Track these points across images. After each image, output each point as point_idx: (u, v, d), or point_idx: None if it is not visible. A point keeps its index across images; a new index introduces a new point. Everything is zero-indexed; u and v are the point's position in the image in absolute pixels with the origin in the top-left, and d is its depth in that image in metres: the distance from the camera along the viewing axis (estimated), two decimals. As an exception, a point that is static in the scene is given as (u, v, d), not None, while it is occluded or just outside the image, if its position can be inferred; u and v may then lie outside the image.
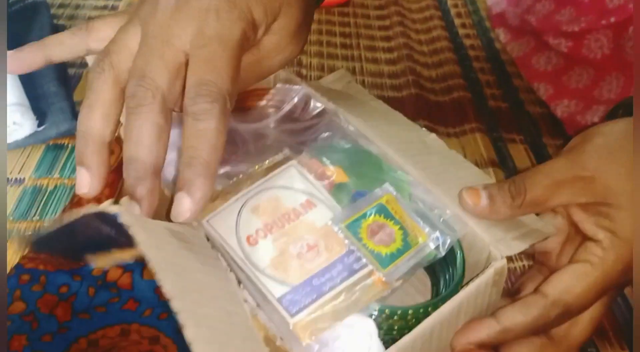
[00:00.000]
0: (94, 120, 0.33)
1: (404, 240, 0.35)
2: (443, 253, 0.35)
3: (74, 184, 0.51)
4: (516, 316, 0.33)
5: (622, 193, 0.34)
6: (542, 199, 0.36)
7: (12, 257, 0.45)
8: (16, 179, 0.52)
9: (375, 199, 0.36)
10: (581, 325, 0.36)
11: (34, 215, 0.49)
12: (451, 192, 0.40)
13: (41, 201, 0.50)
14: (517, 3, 0.72)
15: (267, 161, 0.38)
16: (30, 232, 0.47)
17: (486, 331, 0.34)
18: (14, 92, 0.54)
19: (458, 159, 0.44)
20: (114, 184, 0.49)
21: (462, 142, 0.61)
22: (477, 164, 0.57)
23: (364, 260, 0.33)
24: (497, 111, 0.65)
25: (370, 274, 0.33)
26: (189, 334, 0.26)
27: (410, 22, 0.79)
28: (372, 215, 0.35)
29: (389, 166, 0.40)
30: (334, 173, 0.38)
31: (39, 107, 0.56)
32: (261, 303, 0.32)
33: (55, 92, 0.58)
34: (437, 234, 0.36)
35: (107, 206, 0.28)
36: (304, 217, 0.35)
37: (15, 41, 0.62)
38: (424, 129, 0.47)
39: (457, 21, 0.80)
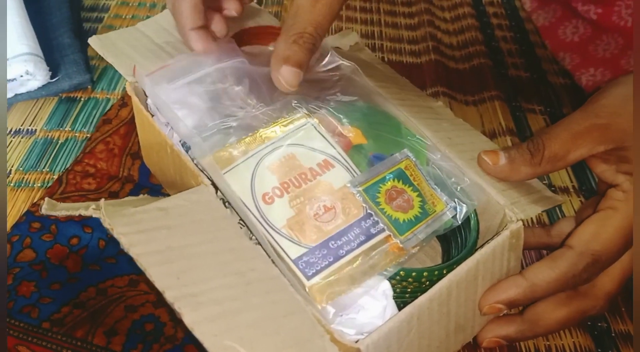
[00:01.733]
0: None
1: (422, 207, 0.34)
2: (459, 222, 0.35)
3: (85, 138, 0.51)
4: (544, 271, 0.33)
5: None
6: (561, 153, 0.34)
7: (22, 206, 0.45)
8: (28, 130, 0.52)
9: (394, 163, 0.35)
10: (610, 275, 0.35)
11: (44, 167, 0.49)
12: (465, 155, 0.39)
13: (52, 153, 0.50)
14: None
15: (286, 117, 0.37)
16: (39, 184, 0.47)
17: (514, 289, 0.33)
18: (28, 43, 0.53)
19: (465, 126, 0.43)
20: (127, 136, 0.48)
21: (480, 111, 0.59)
22: (494, 133, 0.56)
23: (382, 225, 0.33)
24: (518, 80, 0.63)
25: (387, 239, 0.32)
26: (187, 321, 0.26)
27: (433, -12, 0.77)
28: (391, 180, 0.34)
29: (407, 130, 0.39)
30: (352, 133, 0.37)
31: (52, 59, 0.55)
32: (277, 263, 0.31)
33: (70, 43, 0.57)
34: (455, 202, 0.35)
35: (90, 211, 0.29)
36: (322, 178, 0.34)
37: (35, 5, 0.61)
38: (430, 96, 0.46)
39: (481, -13, 0.77)
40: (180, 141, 0.39)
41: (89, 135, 0.51)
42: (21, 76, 0.52)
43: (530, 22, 0.71)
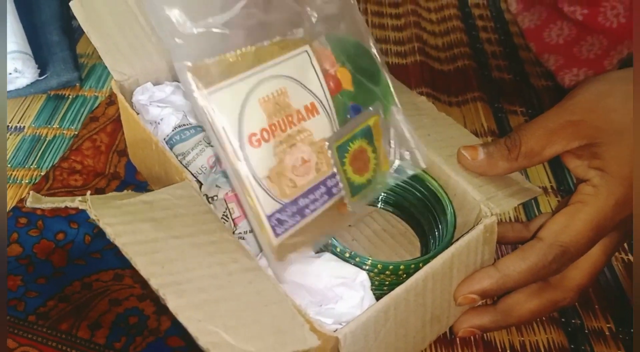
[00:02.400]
0: None
1: (375, 170, 0.34)
2: (396, 182, 0.36)
3: (73, 135, 0.51)
4: (515, 262, 0.34)
5: (611, 131, 0.34)
6: (537, 149, 0.36)
7: (9, 202, 0.46)
8: (16, 127, 0.52)
9: (365, 119, 0.35)
10: (580, 268, 0.36)
11: (32, 163, 0.49)
12: (444, 151, 0.40)
13: (39, 149, 0.51)
14: None
15: (285, 37, 0.33)
16: (27, 181, 0.48)
17: (487, 280, 0.34)
18: (17, 40, 0.54)
19: (447, 121, 0.44)
20: (114, 134, 0.49)
21: (463, 112, 0.60)
22: (476, 133, 0.57)
23: (341, 186, 0.32)
24: (501, 82, 0.65)
25: (341, 201, 0.32)
26: (171, 306, 0.27)
27: (419, -10, 0.78)
28: (359, 139, 0.34)
29: (386, 80, 0.38)
30: (342, 76, 0.36)
31: (41, 56, 0.56)
32: (247, 211, 0.30)
33: (58, 41, 0.57)
34: (398, 163, 0.35)
35: (76, 203, 0.30)
36: (305, 124, 0.33)
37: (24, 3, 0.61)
38: (413, 91, 0.47)
39: (467, -10, 0.79)
40: (164, 138, 0.40)
41: (76, 132, 0.52)
42: (10, 74, 0.52)
43: (515, 24, 0.72)
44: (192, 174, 0.38)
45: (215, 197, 0.38)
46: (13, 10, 0.57)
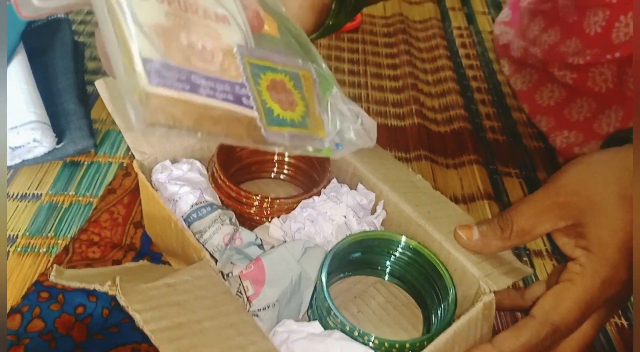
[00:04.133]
0: None
1: (303, 118, 0.32)
2: (330, 156, 0.35)
3: (88, 202, 0.54)
4: (510, 340, 0.36)
5: (594, 212, 0.36)
6: (527, 228, 0.38)
7: (28, 271, 0.48)
8: (34, 194, 0.55)
9: (294, 65, 0.33)
10: (570, 341, 0.38)
11: (49, 231, 0.51)
12: (443, 229, 0.43)
13: (56, 217, 0.53)
14: (524, 34, 0.74)
15: None
16: (44, 249, 0.50)
17: None
18: (36, 110, 0.57)
19: (442, 199, 0.47)
20: (130, 205, 0.51)
21: (459, 174, 0.63)
22: (473, 197, 0.60)
23: (252, 103, 0.30)
24: (495, 144, 0.68)
25: (252, 119, 0.30)
26: None
27: (416, 51, 0.82)
28: (283, 75, 0.32)
29: (316, 55, 0.36)
30: (267, 20, 0.34)
31: (58, 124, 0.58)
32: (108, 42, 0.26)
33: (75, 109, 0.60)
34: (336, 140, 0.34)
35: (105, 288, 0.32)
36: (211, 22, 0.29)
37: (38, 56, 0.64)
38: (410, 169, 0.50)
39: (461, 51, 0.83)
40: (182, 216, 0.42)
41: (91, 199, 0.54)
42: (28, 143, 0.55)
43: (508, 85, 0.76)
44: (209, 252, 0.40)
45: (230, 274, 0.40)
46: (32, 79, 0.60)
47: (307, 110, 0.33)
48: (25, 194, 0.55)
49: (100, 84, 0.44)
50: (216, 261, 0.40)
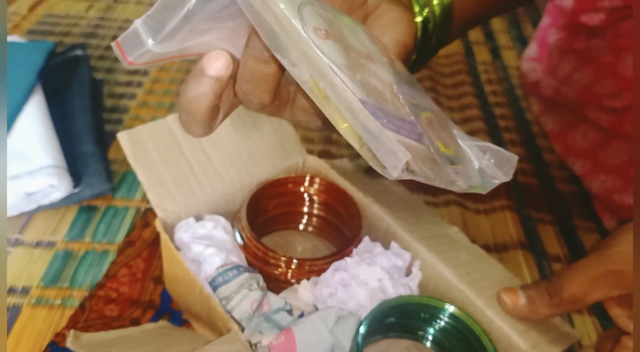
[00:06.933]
0: None
1: (457, 155, 0.29)
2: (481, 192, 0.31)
3: (104, 250, 0.51)
4: None
5: None
6: (579, 296, 0.36)
7: (42, 325, 0.45)
8: (48, 242, 0.53)
9: (430, 103, 0.30)
10: None
11: (64, 282, 0.49)
12: (484, 293, 0.40)
13: (72, 267, 0.50)
14: (554, 72, 0.71)
15: None
16: (59, 302, 0.47)
17: None
18: (52, 154, 0.55)
19: (482, 255, 0.44)
20: (150, 259, 0.49)
21: (491, 220, 0.60)
22: (505, 246, 0.57)
23: (428, 142, 0.26)
24: (527, 188, 0.65)
25: (434, 158, 0.26)
26: None
27: (441, 88, 0.80)
28: (430, 113, 0.29)
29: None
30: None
31: (75, 168, 0.56)
32: (323, 104, 0.23)
33: (92, 152, 0.58)
34: (478, 171, 0.31)
35: None
36: (363, 61, 0.26)
37: (55, 94, 0.63)
38: (446, 220, 0.47)
39: (487, 88, 0.80)
40: (207, 279, 0.40)
41: (108, 246, 0.52)
42: (45, 188, 0.53)
43: (537, 125, 0.73)
44: (236, 320, 0.38)
45: (258, 344, 0.37)
46: (49, 121, 0.59)
47: (456, 147, 0.30)
48: (40, 241, 0.53)
49: (123, 137, 0.42)
50: (242, 328, 0.38)
